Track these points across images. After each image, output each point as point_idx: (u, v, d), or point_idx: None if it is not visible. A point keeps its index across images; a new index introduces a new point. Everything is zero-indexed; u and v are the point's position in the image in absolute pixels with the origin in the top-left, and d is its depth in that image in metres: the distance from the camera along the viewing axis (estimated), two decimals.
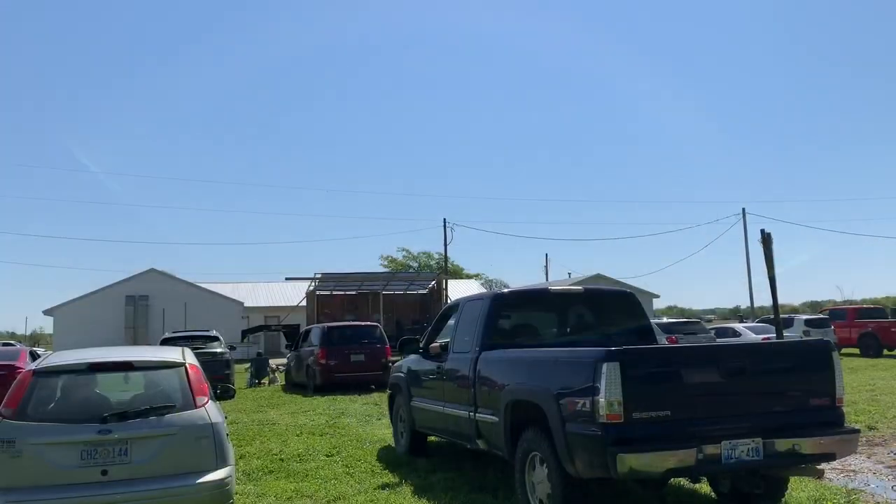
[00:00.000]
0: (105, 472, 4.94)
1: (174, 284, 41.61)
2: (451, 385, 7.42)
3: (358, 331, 19.54)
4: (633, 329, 7.46)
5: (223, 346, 19.26)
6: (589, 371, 4.98)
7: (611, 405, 4.81)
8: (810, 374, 5.37)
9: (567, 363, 5.42)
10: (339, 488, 7.24)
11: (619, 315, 7.59)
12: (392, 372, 9.61)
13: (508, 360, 6.45)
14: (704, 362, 5.17)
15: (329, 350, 18.35)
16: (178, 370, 5.54)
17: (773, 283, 13.19)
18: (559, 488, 5.33)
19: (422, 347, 8.46)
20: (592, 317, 7.59)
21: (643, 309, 7.64)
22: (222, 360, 18.19)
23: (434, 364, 7.92)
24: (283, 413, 13.98)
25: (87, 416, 5.09)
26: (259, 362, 22.66)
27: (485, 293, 7.52)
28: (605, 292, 7.89)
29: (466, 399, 6.95)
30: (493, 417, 6.38)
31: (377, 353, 18.66)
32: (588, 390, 4.96)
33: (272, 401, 16.52)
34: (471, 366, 6.90)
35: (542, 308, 7.73)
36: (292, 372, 21.19)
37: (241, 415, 13.79)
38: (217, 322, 36.38)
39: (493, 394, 6.41)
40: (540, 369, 5.78)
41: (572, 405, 5.13)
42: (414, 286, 36.82)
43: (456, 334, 7.59)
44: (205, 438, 5.16)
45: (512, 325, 7.36)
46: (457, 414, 7.16)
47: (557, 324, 7.66)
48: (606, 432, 4.82)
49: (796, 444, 5.10)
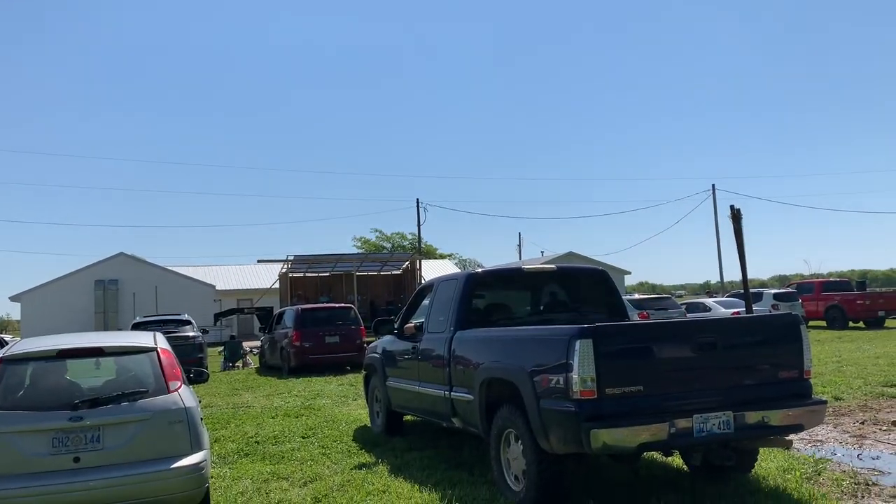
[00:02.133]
0: (77, 460, 4.88)
1: (144, 269, 41.08)
2: (426, 365, 7.44)
3: (332, 312, 19.47)
4: (606, 306, 7.53)
5: (195, 330, 19.10)
6: (562, 348, 5.01)
7: (584, 381, 4.86)
8: (779, 348, 5.46)
9: (541, 341, 5.45)
10: (315, 469, 7.24)
11: (592, 292, 7.64)
12: (367, 353, 9.60)
13: (483, 340, 6.47)
14: (675, 338, 5.23)
15: (303, 332, 18.29)
16: (149, 355, 5.48)
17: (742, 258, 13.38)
18: (534, 464, 5.39)
19: (397, 328, 8.47)
20: (565, 295, 7.64)
21: (615, 286, 7.71)
22: (195, 344, 18.04)
23: (409, 344, 7.93)
24: (258, 396, 13.93)
25: (58, 403, 5.02)
26: (232, 345, 22.53)
27: (459, 273, 7.54)
28: (577, 270, 7.93)
29: (442, 378, 6.97)
30: (468, 396, 6.41)
31: (352, 335, 18.64)
32: (561, 367, 5.00)
33: (246, 384, 16.46)
34: (446, 345, 6.92)
35: (516, 287, 7.76)
36: (266, 354, 21.10)
37: (215, 398, 13.72)
38: (189, 306, 36.10)
39: (468, 373, 6.44)
40: (514, 348, 5.81)
41: (546, 382, 5.17)
42: (388, 267, 36.73)
43: (430, 314, 7.60)
44: (178, 423, 5.12)
45: (486, 304, 7.37)
46: (432, 393, 7.19)
47: (531, 302, 7.69)
48: (580, 408, 4.86)
49: (765, 416, 5.20)
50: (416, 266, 35.07)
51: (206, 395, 14.06)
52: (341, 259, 34.04)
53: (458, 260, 78.38)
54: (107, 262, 40.32)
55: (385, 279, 36.72)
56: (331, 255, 34.38)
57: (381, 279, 36.61)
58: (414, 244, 66.79)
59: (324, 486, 6.52)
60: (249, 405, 12.51)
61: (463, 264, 78.42)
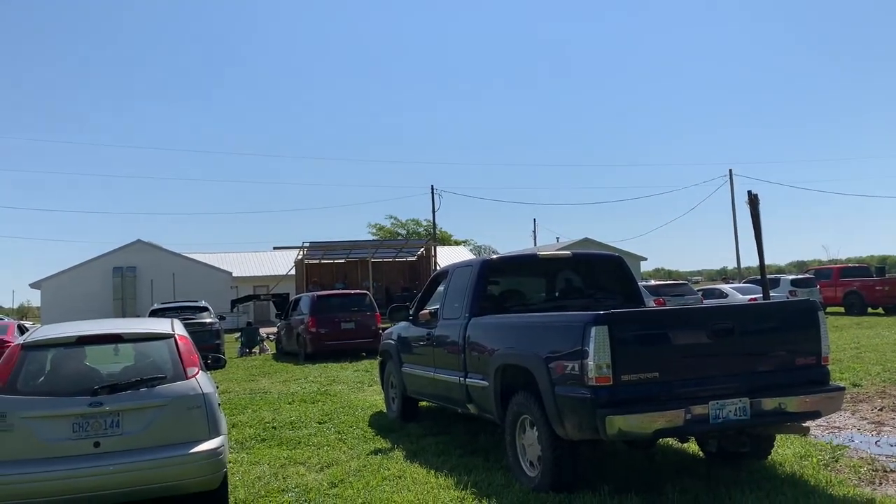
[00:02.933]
0: (97, 444, 4.95)
1: (161, 255, 41.39)
2: (441, 351, 7.46)
3: (347, 299, 19.57)
4: (621, 292, 7.52)
5: (213, 317, 19.27)
6: (578, 335, 5.01)
7: (599, 368, 4.86)
8: (796, 334, 5.43)
9: (556, 327, 5.46)
10: (331, 455, 7.30)
11: (607, 279, 7.63)
12: (382, 339, 9.65)
13: (498, 326, 6.49)
14: (692, 324, 5.21)
15: (319, 318, 18.39)
16: (167, 341, 5.53)
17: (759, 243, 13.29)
18: (549, 451, 5.40)
19: (412, 314, 8.50)
20: (581, 281, 7.64)
21: (631, 272, 7.69)
22: (212, 331, 18.21)
23: (424, 331, 7.96)
24: (275, 381, 14.04)
25: (78, 389, 5.08)
26: (249, 332, 22.70)
27: (473, 259, 7.55)
28: (592, 256, 7.93)
29: (457, 365, 7.00)
30: (483, 382, 6.43)
31: (367, 321, 18.72)
32: (577, 354, 5.00)
33: (263, 370, 16.59)
34: (461, 332, 6.94)
35: (531, 273, 7.77)
36: (283, 341, 21.23)
37: (232, 384, 13.84)
38: (206, 292, 36.33)
39: (483, 359, 6.46)
40: (529, 334, 5.82)
41: (561, 368, 5.18)
42: (403, 253, 36.78)
43: (445, 301, 7.63)
44: (196, 408, 5.17)
45: (501, 290, 7.39)
46: (447, 379, 7.22)
47: (546, 289, 7.71)
48: (595, 395, 4.87)
49: (782, 402, 5.18)
50: (431, 252, 35.09)
51: (224, 381, 14.20)
52: (356, 246, 34.12)
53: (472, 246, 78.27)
54: (125, 249, 40.67)
55: (400, 266, 36.80)
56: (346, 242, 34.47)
57: (396, 266, 36.69)
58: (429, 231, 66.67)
59: (340, 472, 6.57)
60: (266, 391, 12.62)
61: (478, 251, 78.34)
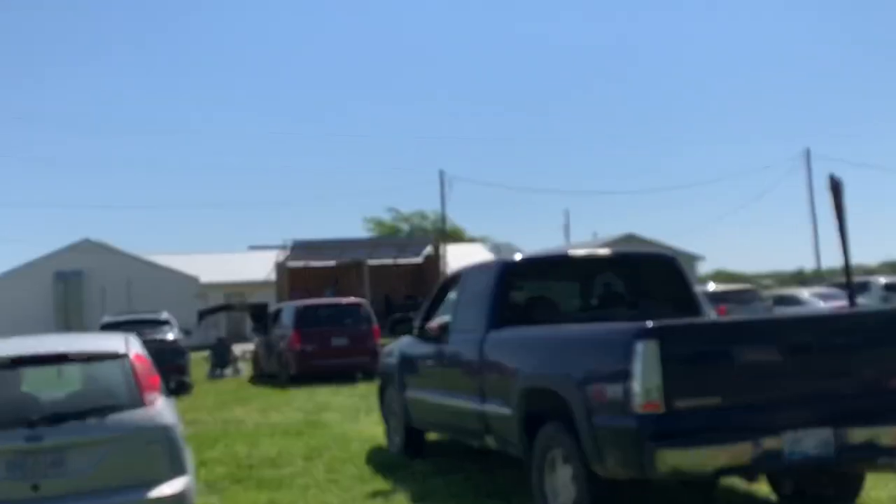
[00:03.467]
0: (36, 488, 4.96)
1: (114, 258, 41.66)
2: (453, 372, 7.49)
3: (339, 309, 19.63)
4: (674, 300, 7.51)
5: (176, 331, 19.38)
6: (621, 351, 5.00)
7: (648, 392, 4.84)
8: (890, 350, 5.39)
9: (594, 343, 5.47)
10: (321, 498, 7.31)
11: (657, 283, 7.65)
12: (382, 358, 9.68)
13: (522, 341, 6.50)
14: (761, 338, 5.20)
15: (305, 333, 18.47)
16: (121, 362, 5.55)
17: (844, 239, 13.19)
18: (586, 492, 5.38)
19: (417, 328, 8.52)
20: (624, 286, 7.66)
21: (686, 275, 7.68)
22: (175, 348, 18.30)
23: (432, 347, 7.99)
24: (252, 410, 14.09)
25: (13, 421, 5.09)
26: (220, 350, 22.79)
27: (492, 260, 7.55)
28: (638, 256, 7.97)
29: (472, 388, 7.01)
30: (504, 410, 6.43)
31: (363, 336, 18.77)
32: (620, 375, 4.99)
33: (238, 395, 16.65)
34: (477, 348, 6.95)
35: (563, 277, 7.79)
36: (261, 360, 21.30)
37: (200, 413, 13.91)
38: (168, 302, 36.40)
39: (505, 381, 6.46)
40: (561, 351, 5.83)
41: (600, 393, 5.17)
42: (406, 254, 36.91)
43: (458, 311, 7.65)
44: (156, 443, 5.18)
45: (526, 298, 7.41)
46: (461, 406, 7.24)
47: (581, 296, 7.73)
48: (643, 424, 4.85)
49: (874, 433, 5.13)
50: (441, 252, 35.18)
51: (190, 410, 14.24)
52: (350, 245, 34.26)
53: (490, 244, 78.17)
54: (69, 250, 40.88)
55: (403, 269, 36.91)
56: (337, 241, 34.64)
57: (397, 269, 36.80)
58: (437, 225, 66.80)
59: None
60: (241, 421, 12.66)
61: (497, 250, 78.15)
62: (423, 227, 72.08)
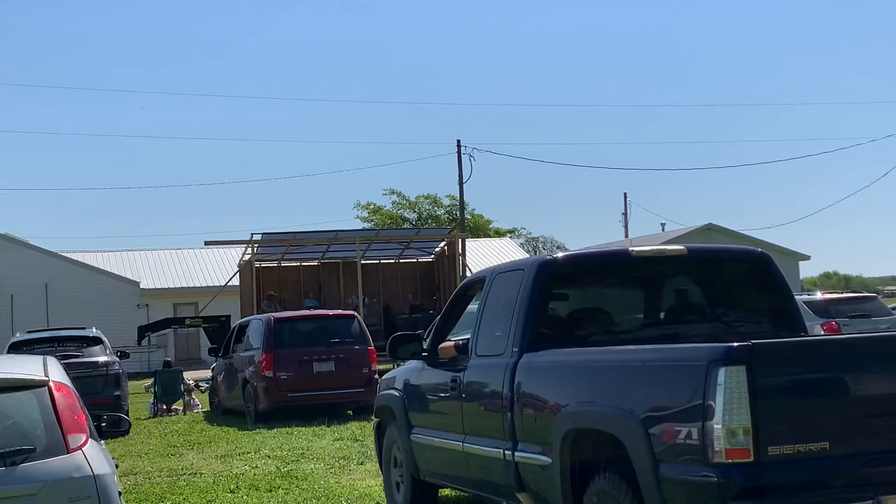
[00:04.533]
0: None
1: (28, 256, 41.90)
2: (474, 408, 7.49)
3: (324, 324, 19.68)
4: (768, 311, 7.50)
5: (109, 353, 19.44)
6: (696, 380, 4.99)
7: (733, 435, 4.83)
8: None
9: (661, 369, 5.47)
10: None
11: (745, 289, 7.64)
12: (380, 389, 9.67)
13: (567, 367, 6.51)
14: (885, 362, 5.17)
15: (278, 355, 18.49)
16: (37, 393, 5.55)
17: None
18: None
19: (427, 349, 8.53)
20: (701, 293, 7.66)
21: (783, 279, 7.64)
22: (108, 375, 18.39)
23: (447, 375, 8.00)
24: (209, 457, 14.13)
25: None
26: (168, 377, 22.86)
27: (526, 260, 7.53)
28: (720, 254, 7.97)
29: (500, 430, 7.01)
30: (542, 458, 6.43)
31: (356, 359, 18.82)
32: (696, 412, 4.98)
33: (190, 437, 16.69)
34: (506, 377, 6.94)
35: (620, 281, 7.78)
36: (220, 391, 21.38)
37: (141, 461, 13.96)
38: (99, 315, 36.62)
39: (543, 421, 6.46)
40: (617, 380, 5.83)
41: (670, 436, 5.17)
42: (412, 251, 36.84)
43: (481, 326, 7.66)
44: (84, 499, 5.19)
45: (571, 309, 7.43)
46: (485, 453, 7.24)
47: (645, 306, 7.74)
48: (727, 478, 4.84)
49: None
50: (458, 249, 35.09)
51: (127, 456, 14.29)
52: (338, 238, 34.22)
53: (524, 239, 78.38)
54: None
55: (408, 270, 36.83)
56: (321, 233, 34.56)
57: (401, 270, 36.73)
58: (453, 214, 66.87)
59: None
60: (195, 471, 12.69)
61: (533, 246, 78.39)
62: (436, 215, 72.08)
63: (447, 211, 71.48)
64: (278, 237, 33.82)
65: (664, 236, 51.60)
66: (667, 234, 52.49)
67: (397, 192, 73.29)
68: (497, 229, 71.60)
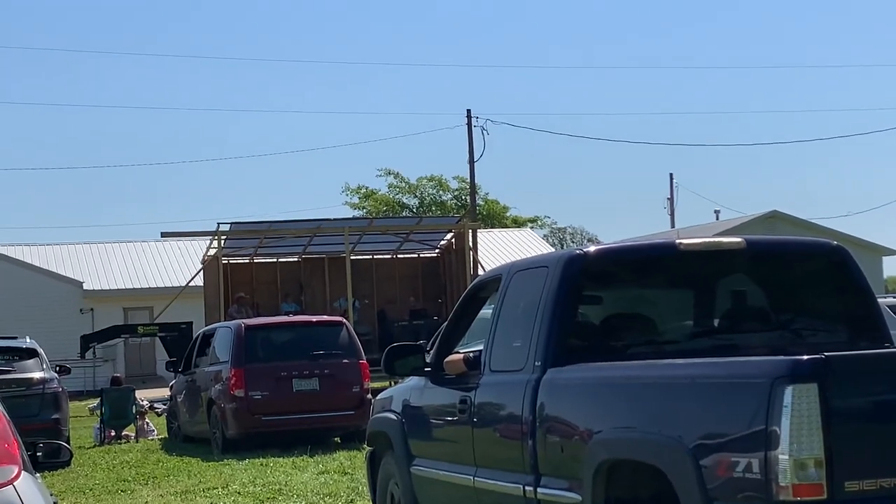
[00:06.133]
0: None
1: None
2: (487, 434, 7.51)
3: (306, 332, 19.75)
4: (845, 317, 7.49)
5: (46, 368, 19.44)
6: (758, 402, 4.99)
7: (802, 467, 4.82)
8: None
9: (714, 388, 5.47)
10: None
11: (816, 291, 7.66)
12: (374, 411, 9.68)
13: (600, 386, 6.51)
14: None
15: (251, 371, 18.51)
16: None
17: None
18: None
19: (430, 363, 8.54)
20: (763, 295, 7.68)
21: (863, 277, 7.62)
22: (45, 394, 18.40)
23: (455, 394, 8.02)
24: (167, 493, 14.17)
25: None
26: (117, 397, 22.89)
27: (551, 255, 7.52)
28: (787, 248, 7.96)
29: (519, 460, 7.02)
30: (570, 495, 6.43)
31: (344, 376, 18.87)
32: (756, 439, 4.98)
33: (144, 470, 16.70)
34: (527, 396, 6.94)
35: (664, 281, 7.79)
36: (181, 414, 21.45)
37: (84, 498, 14.02)
38: (34, 321, 36.64)
39: (572, 450, 6.46)
40: (661, 401, 5.84)
41: (725, 468, 5.17)
42: (413, 244, 36.85)
43: (496, 336, 7.67)
44: None
45: (605, 315, 7.44)
46: (500, 489, 7.24)
47: (694, 311, 7.75)
48: None
49: None
50: (468, 242, 35.12)
51: (69, 492, 14.32)
52: (321, 229, 34.26)
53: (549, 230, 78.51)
54: None
55: (407, 268, 36.88)
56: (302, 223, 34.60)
57: (399, 268, 36.78)
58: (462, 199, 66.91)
59: None
60: None
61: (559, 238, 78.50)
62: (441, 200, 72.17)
63: (455, 196, 71.66)
64: (250, 228, 33.92)
65: (718, 226, 51.63)
66: (722, 224, 52.54)
67: (394, 172, 73.51)
68: (515, 218, 71.76)
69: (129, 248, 51.67)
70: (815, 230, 46.55)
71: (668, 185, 67.97)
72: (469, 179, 52.26)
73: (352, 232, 34.68)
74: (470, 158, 49.58)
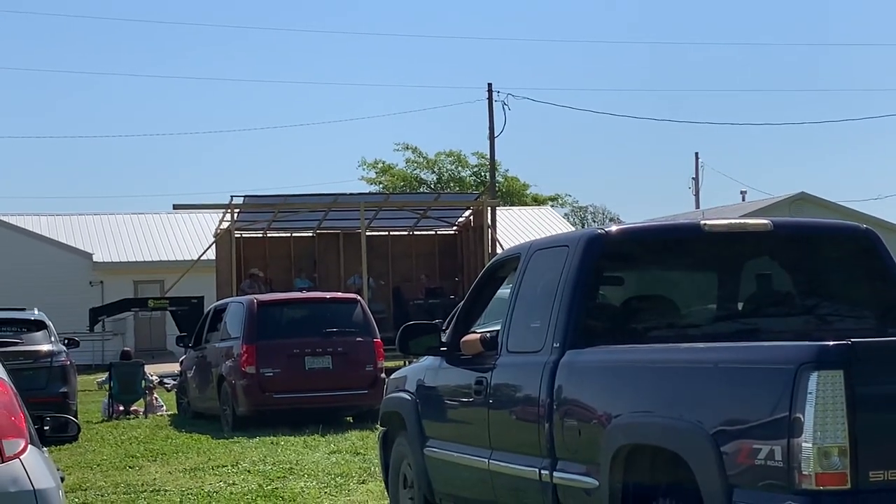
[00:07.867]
0: None
1: None
2: (503, 416, 7.53)
3: (319, 309, 19.79)
4: (873, 302, 7.49)
5: (54, 340, 19.54)
6: (781, 388, 4.98)
7: (826, 455, 4.81)
8: None
9: (737, 373, 5.47)
10: None
11: (844, 275, 7.64)
12: (388, 391, 9.71)
13: (620, 369, 6.54)
14: None
15: (262, 347, 18.57)
16: None
17: None
18: None
19: (446, 342, 8.55)
20: (789, 279, 7.66)
21: (893, 263, 7.58)
22: (53, 368, 18.49)
23: (471, 375, 8.04)
24: (175, 470, 14.20)
25: None
26: (126, 371, 22.92)
27: (572, 234, 7.51)
28: (815, 230, 7.95)
29: (535, 444, 7.03)
30: (587, 479, 6.44)
31: (357, 354, 18.94)
32: (779, 426, 4.97)
33: (153, 446, 16.77)
34: (544, 378, 6.95)
35: (688, 263, 7.81)
36: (191, 390, 21.54)
37: (92, 473, 14.05)
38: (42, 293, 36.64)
39: (590, 434, 6.47)
40: (682, 386, 5.85)
41: (746, 455, 5.17)
42: (430, 221, 36.79)
43: (514, 316, 7.67)
44: None
45: (626, 296, 7.45)
46: (516, 472, 7.27)
47: (718, 294, 7.74)
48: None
49: None
50: (486, 219, 35.07)
51: (76, 467, 14.35)
52: (337, 204, 34.22)
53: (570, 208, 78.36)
54: None
55: (424, 245, 36.83)
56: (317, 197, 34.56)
57: (415, 245, 36.72)
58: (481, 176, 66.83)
59: None
60: (158, 488, 12.74)
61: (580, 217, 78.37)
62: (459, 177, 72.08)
63: (474, 172, 71.53)
64: (264, 201, 33.88)
65: (745, 207, 51.46)
66: (748, 206, 52.33)
67: (412, 147, 73.43)
68: (535, 196, 71.66)
69: (141, 220, 51.69)
70: (844, 213, 46.37)
71: (693, 164, 67.85)
72: (489, 155, 52.21)
73: (367, 207, 34.64)
74: (490, 134, 49.54)
